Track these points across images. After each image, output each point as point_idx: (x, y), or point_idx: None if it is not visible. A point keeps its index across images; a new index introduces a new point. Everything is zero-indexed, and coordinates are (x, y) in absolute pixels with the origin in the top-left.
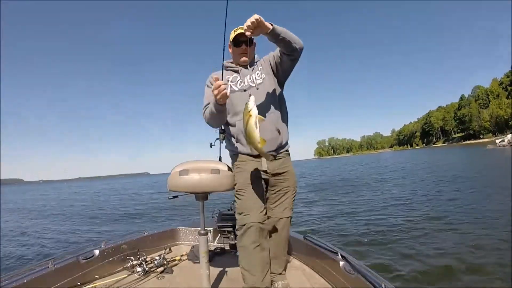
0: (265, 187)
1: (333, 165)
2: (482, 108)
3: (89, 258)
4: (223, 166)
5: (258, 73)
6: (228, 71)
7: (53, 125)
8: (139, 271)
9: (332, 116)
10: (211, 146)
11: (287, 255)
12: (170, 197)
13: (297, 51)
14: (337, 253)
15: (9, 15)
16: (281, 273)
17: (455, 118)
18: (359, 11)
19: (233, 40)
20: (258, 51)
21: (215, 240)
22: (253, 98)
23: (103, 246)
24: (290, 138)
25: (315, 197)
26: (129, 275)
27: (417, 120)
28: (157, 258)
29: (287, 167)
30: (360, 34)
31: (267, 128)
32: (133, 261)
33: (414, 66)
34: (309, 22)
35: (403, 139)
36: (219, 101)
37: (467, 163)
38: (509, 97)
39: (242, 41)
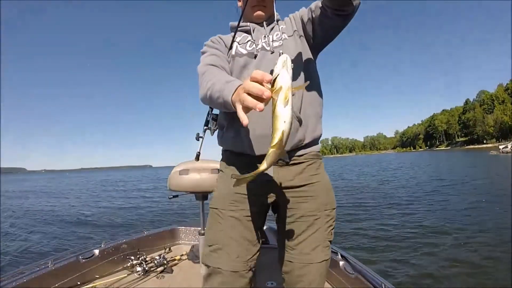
0: (268, 210)
1: (337, 164)
2: (486, 113)
3: (89, 257)
4: None
5: (277, 34)
6: (237, 32)
7: (58, 115)
8: (139, 271)
9: (336, 115)
10: (198, 138)
11: None
12: (170, 197)
13: (352, 5)
14: (337, 253)
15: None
16: None
17: (459, 122)
18: (361, 10)
19: None
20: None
21: None
22: (285, 60)
23: (103, 245)
24: None
25: None
26: (129, 275)
27: (421, 122)
28: (157, 257)
29: (314, 177)
30: (364, 33)
31: None
32: (133, 260)
33: (420, 67)
34: None
35: (407, 141)
36: (240, 108)
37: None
38: None
39: None
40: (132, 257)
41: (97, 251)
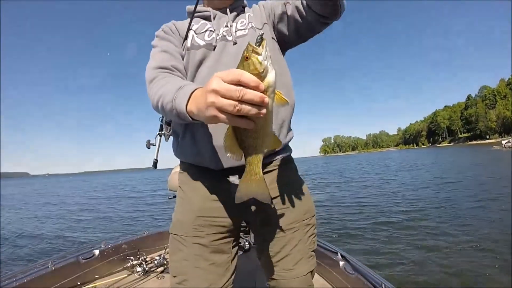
0: (240, 228)
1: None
2: (489, 108)
3: (89, 258)
4: None
5: (243, 22)
6: (195, 19)
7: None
8: (139, 271)
9: (338, 113)
10: (149, 146)
11: None
12: (170, 197)
13: (338, 15)
14: (337, 253)
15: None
16: None
17: (462, 118)
18: (364, 9)
19: None
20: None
21: None
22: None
23: (103, 246)
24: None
25: (318, 197)
26: (129, 275)
27: (423, 119)
28: (157, 258)
29: (288, 185)
30: (365, 31)
31: None
32: (133, 261)
33: (421, 64)
34: None
35: (409, 138)
36: (214, 120)
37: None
38: None
39: None
40: (132, 258)
41: (97, 252)
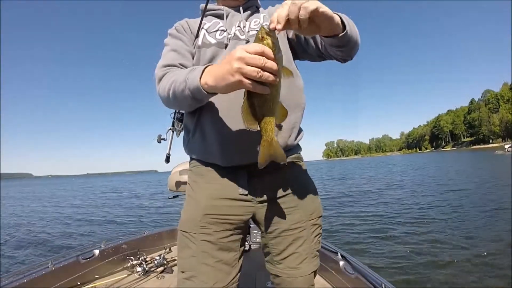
0: (248, 225)
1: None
2: (492, 112)
3: (89, 258)
4: None
5: (256, 22)
6: (207, 17)
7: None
8: (139, 271)
9: (340, 117)
10: (160, 141)
11: None
12: (170, 197)
13: (349, 58)
14: (337, 253)
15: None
16: None
17: (465, 122)
18: (366, 9)
19: None
20: None
21: None
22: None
23: (103, 246)
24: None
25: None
26: (129, 275)
27: (426, 123)
28: (157, 258)
29: (296, 184)
30: (369, 33)
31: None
32: (133, 261)
33: (423, 68)
34: None
35: (412, 142)
36: (229, 87)
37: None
38: None
39: None
40: (132, 258)
41: (97, 252)
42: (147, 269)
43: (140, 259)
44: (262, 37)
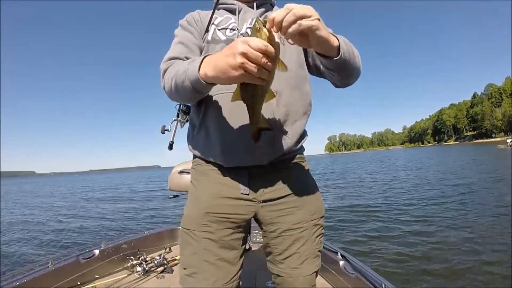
0: (249, 224)
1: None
2: (495, 106)
3: (89, 258)
4: None
5: None
6: (219, 11)
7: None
8: (139, 271)
9: (343, 111)
10: (164, 132)
11: None
12: (170, 197)
13: (342, 85)
14: (337, 253)
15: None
16: None
17: (467, 116)
18: (367, 5)
19: None
20: None
21: None
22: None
23: (103, 246)
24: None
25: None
26: (129, 275)
27: (428, 117)
28: (157, 257)
29: (298, 184)
30: (369, 28)
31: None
32: (133, 260)
33: (426, 62)
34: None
35: (414, 136)
36: (230, 79)
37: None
38: None
39: None
40: (132, 257)
41: (97, 251)
42: (147, 269)
43: (140, 259)
44: (259, 28)
